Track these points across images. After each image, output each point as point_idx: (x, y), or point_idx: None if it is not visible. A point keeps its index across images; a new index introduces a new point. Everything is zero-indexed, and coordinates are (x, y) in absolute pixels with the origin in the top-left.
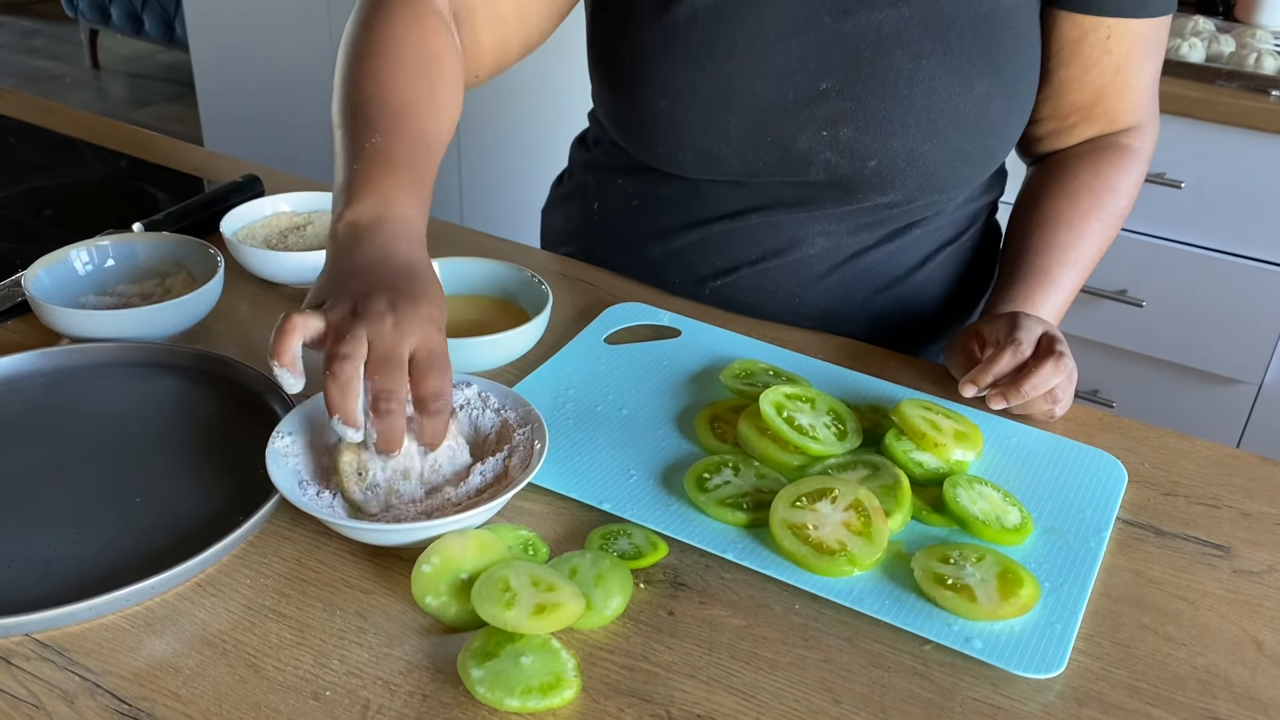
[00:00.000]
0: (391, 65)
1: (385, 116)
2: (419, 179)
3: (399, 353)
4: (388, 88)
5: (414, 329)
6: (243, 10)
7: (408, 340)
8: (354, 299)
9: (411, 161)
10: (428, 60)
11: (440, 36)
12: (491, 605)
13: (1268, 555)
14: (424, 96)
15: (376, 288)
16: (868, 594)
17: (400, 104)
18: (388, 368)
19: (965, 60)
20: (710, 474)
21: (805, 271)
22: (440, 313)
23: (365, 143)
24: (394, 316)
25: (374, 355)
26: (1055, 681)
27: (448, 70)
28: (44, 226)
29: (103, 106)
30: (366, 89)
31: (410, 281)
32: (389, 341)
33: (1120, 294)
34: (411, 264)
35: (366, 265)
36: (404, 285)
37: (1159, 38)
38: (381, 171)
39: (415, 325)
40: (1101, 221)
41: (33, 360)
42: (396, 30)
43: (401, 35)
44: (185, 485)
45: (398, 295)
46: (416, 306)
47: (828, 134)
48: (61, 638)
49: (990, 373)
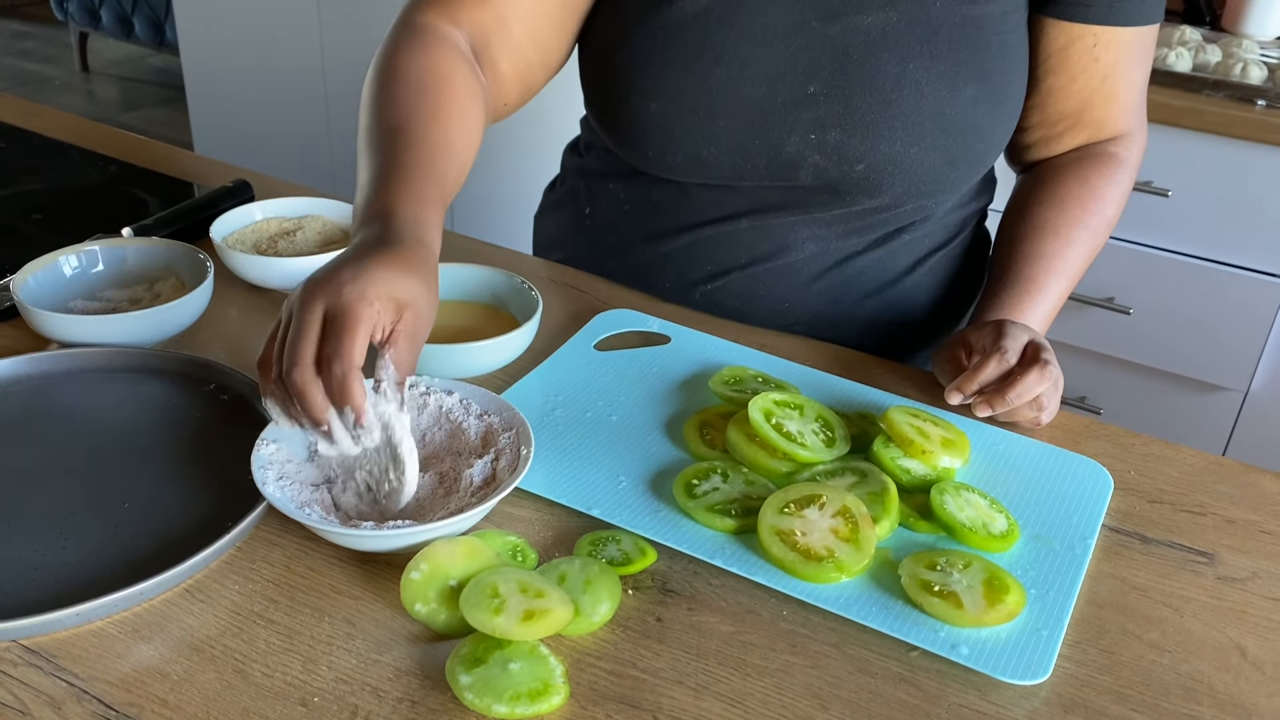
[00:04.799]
0: (399, 88)
1: (388, 134)
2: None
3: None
4: (393, 110)
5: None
6: (233, 14)
7: (319, 301)
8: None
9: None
10: (436, 81)
11: (452, 63)
12: (480, 611)
13: (1252, 562)
14: (427, 111)
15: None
16: (855, 600)
17: (403, 120)
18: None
19: (952, 65)
20: (699, 480)
21: (795, 276)
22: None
23: (372, 164)
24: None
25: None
26: (1041, 688)
27: (458, 88)
28: (32, 231)
29: (92, 110)
30: (376, 114)
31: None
32: (299, 304)
33: (1108, 301)
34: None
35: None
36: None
37: (1146, 46)
38: (383, 188)
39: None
40: (1089, 230)
41: (21, 365)
42: (409, 61)
43: (412, 64)
44: (173, 491)
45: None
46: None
47: (816, 137)
48: (48, 644)
49: (976, 380)
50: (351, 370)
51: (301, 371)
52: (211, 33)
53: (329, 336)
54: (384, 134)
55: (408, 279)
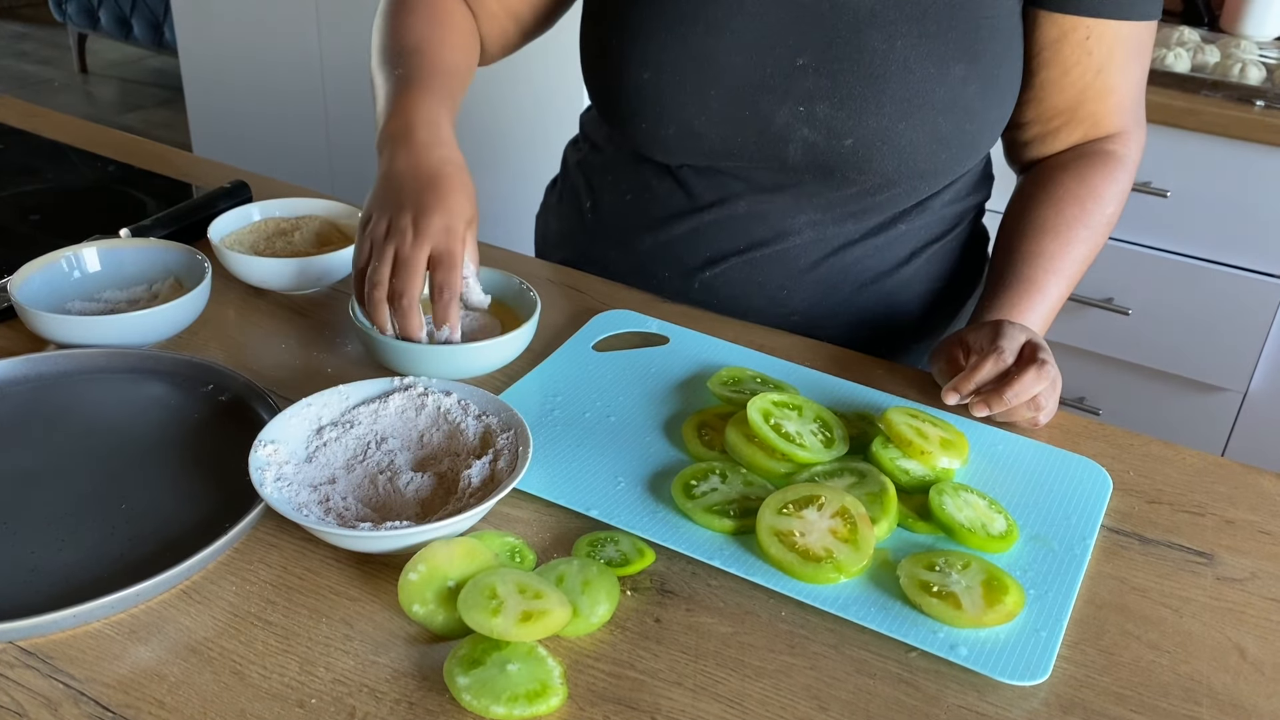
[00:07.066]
0: (412, 18)
1: (406, 54)
2: (439, 90)
3: (416, 260)
4: (409, 35)
5: (429, 238)
6: (232, 15)
7: (423, 249)
8: (388, 216)
9: (430, 80)
10: (442, 15)
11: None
12: (478, 613)
13: (1251, 563)
14: (438, 38)
15: (404, 204)
16: (854, 601)
17: (418, 43)
18: (403, 272)
19: (941, 43)
20: (697, 481)
21: (792, 263)
22: (458, 218)
23: (392, 76)
24: (414, 231)
25: (396, 263)
26: (1040, 689)
27: (460, 23)
28: (31, 232)
29: (90, 111)
30: (392, 39)
31: (432, 194)
32: (407, 253)
33: (1106, 302)
34: (435, 172)
35: (399, 178)
36: (426, 199)
37: (1141, 43)
38: (404, 92)
39: (431, 235)
40: (1088, 229)
41: (19, 366)
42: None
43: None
44: (171, 492)
45: (420, 210)
46: (432, 219)
47: (805, 110)
48: (45, 645)
49: (973, 380)
50: (455, 298)
51: (412, 301)
52: (210, 34)
53: (436, 269)
54: (404, 53)
55: (469, 201)
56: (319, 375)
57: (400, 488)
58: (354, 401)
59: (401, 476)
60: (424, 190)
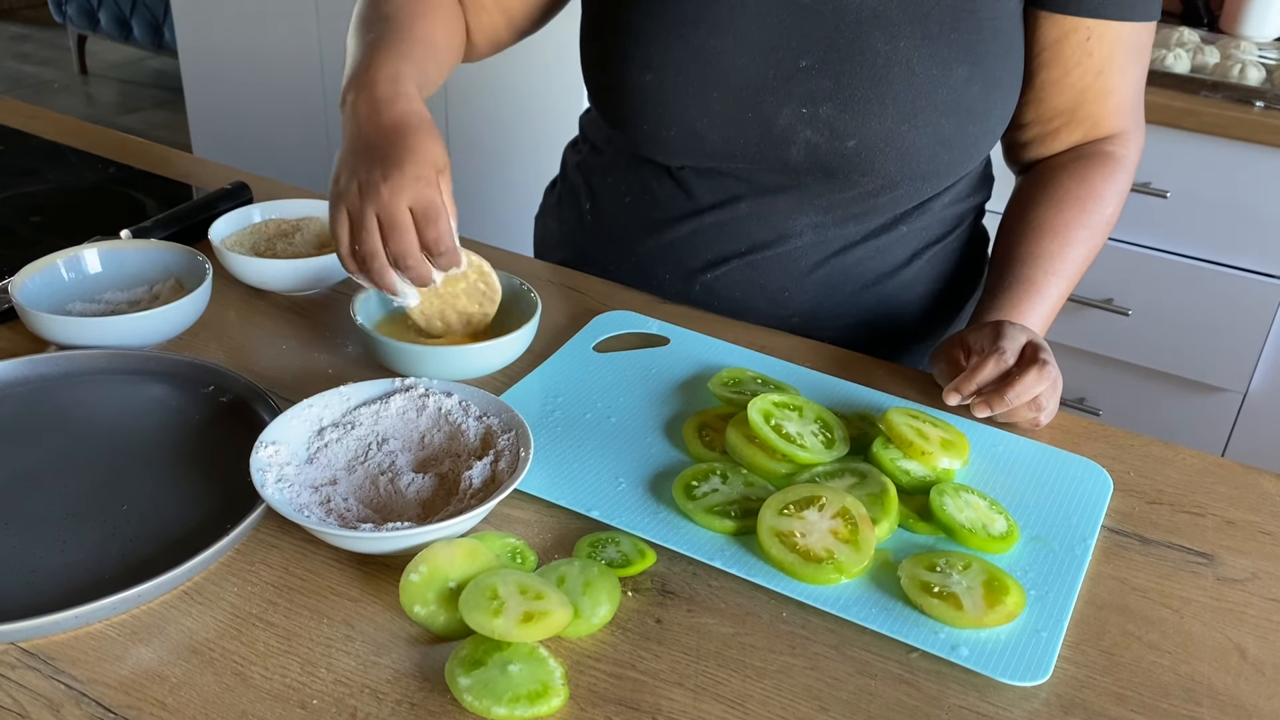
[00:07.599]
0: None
1: (379, 21)
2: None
3: (400, 218)
4: (386, 6)
5: (405, 191)
6: (232, 16)
7: (402, 203)
8: (357, 176)
9: (399, 45)
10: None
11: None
12: (479, 613)
13: (1251, 563)
14: (417, 13)
15: (371, 159)
16: (854, 602)
17: (393, 13)
18: (394, 235)
19: (943, 45)
20: (698, 482)
21: (793, 265)
22: (428, 166)
23: (362, 42)
24: (387, 185)
25: (383, 226)
26: (1040, 689)
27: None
28: (31, 233)
29: (90, 112)
30: (370, 9)
31: (397, 145)
32: (388, 211)
33: (1106, 302)
34: (397, 123)
35: (362, 134)
36: (391, 151)
37: (1141, 43)
38: (370, 53)
39: (405, 187)
40: (1088, 230)
41: (19, 368)
42: None
43: None
44: (172, 493)
45: (387, 163)
46: (404, 170)
47: (807, 111)
48: (47, 646)
49: (974, 381)
50: (453, 247)
51: (417, 260)
52: (210, 35)
53: (425, 227)
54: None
55: (439, 147)
56: (320, 376)
57: (401, 489)
58: (355, 402)
59: (403, 477)
60: (389, 143)
